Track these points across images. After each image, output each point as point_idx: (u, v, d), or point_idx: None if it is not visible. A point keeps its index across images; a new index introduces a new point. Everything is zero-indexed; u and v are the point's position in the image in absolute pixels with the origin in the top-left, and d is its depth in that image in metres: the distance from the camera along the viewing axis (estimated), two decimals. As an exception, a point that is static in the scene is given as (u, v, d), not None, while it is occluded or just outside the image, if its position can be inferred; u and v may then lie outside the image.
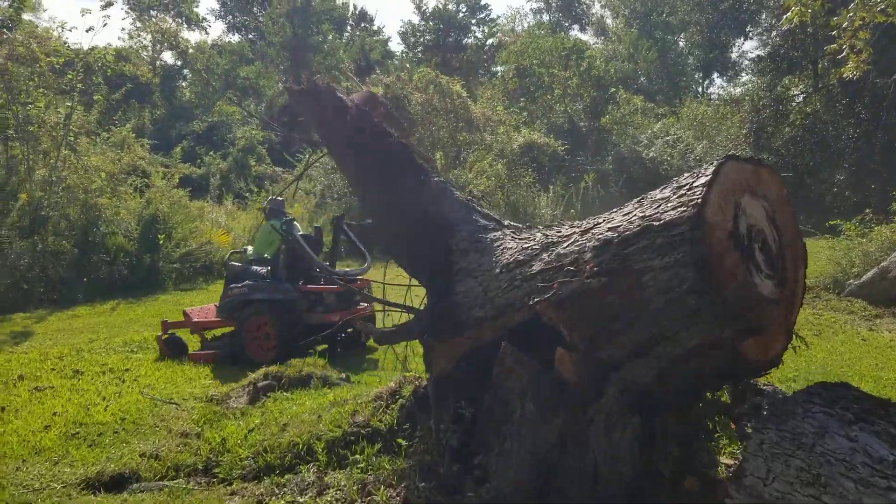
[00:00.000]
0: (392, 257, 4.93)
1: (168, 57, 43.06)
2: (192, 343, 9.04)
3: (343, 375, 6.69)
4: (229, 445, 5.01)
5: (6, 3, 15.47)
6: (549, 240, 3.74)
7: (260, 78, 39.76)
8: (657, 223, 3.11)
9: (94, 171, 14.94)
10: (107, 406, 6.22)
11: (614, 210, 3.56)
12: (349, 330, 8.68)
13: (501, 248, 4.03)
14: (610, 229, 3.36)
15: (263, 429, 5.19)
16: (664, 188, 3.33)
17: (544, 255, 3.66)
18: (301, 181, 26.71)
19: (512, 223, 4.45)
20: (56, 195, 14.49)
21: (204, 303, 12.85)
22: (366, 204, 4.68)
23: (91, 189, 14.59)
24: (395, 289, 5.56)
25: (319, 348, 8.51)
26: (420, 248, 4.41)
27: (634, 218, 3.28)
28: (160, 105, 37.47)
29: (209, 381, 7.26)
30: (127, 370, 7.86)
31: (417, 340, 4.59)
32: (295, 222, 8.88)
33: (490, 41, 43.31)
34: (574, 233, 3.62)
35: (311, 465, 4.62)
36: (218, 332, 9.11)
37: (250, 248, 9.21)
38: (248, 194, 21.41)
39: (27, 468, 4.87)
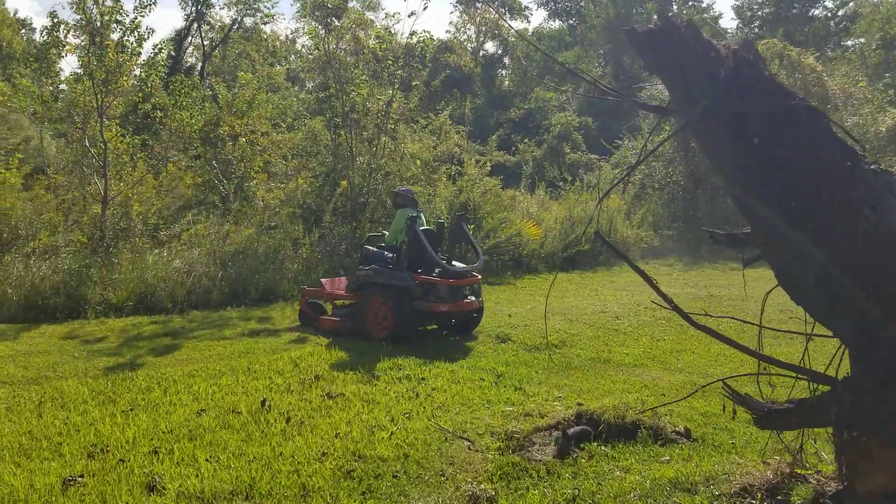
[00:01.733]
0: (783, 284, 3.14)
1: (490, 46, 43.83)
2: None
3: (679, 428, 5.04)
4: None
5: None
6: None
7: (579, 62, 38.63)
8: None
9: (411, 159, 14.79)
10: (392, 433, 5.28)
11: None
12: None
13: None
14: None
15: (574, 506, 3.79)
16: None
17: None
18: (613, 169, 25.06)
19: None
20: (375, 182, 14.57)
21: (510, 298, 11.90)
22: (748, 203, 2.97)
23: (406, 177, 14.45)
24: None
25: (430, 328, 9.42)
26: (852, 276, 2.64)
27: None
28: (480, 94, 38.13)
29: (510, 406, 6.06)
30: (423, 379, 6.99)
31: (830, 421, 2.83)
32: (421, 215, 9.66)
33: (842, 11, 37.54)
34: None
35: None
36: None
37: (387, 234, 9.89)
38: (561, 183, 20.34)
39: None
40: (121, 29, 12.49)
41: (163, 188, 15.45)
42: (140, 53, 12.90)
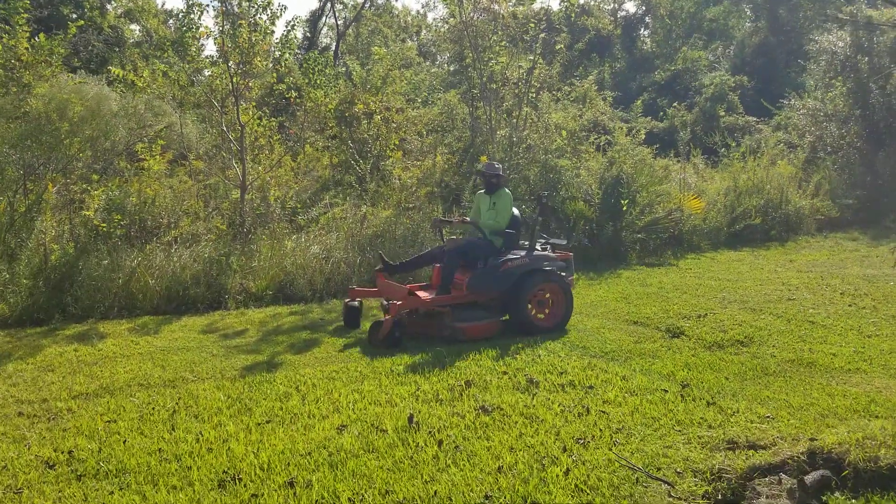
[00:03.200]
0: None
1: (630, 6, 41.52)
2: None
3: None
4: None
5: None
6: None
7: (729, 17, 35.72)
8: None
9: (555, 130, 13.65)
10: (567, 468, 4.31)
11: None
12: None
13: None
14: None
15: None
16: None
17: None
18: (774, 132, 22.72)
19: None
20: (517, 156, 13.55)
21: (674, 282, 10.60)
22: None
23: (551, 149, 13.33)
24: None
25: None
26: None
27: None
28: (620, 57, 36.09)
29: (707, 428, 4.93)
30: (590, 387, 5.97)
31: None
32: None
33: None
34: None
35: None
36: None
37: (467, 218, 8.98)
38: (723, 149, 18.46)
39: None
40: (253, 7, 12.05)
41: (300, 171, 15.13)
42: (273, 32, 12.46)
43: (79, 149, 11.61)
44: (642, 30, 40.10)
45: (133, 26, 30.54)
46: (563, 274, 8.40)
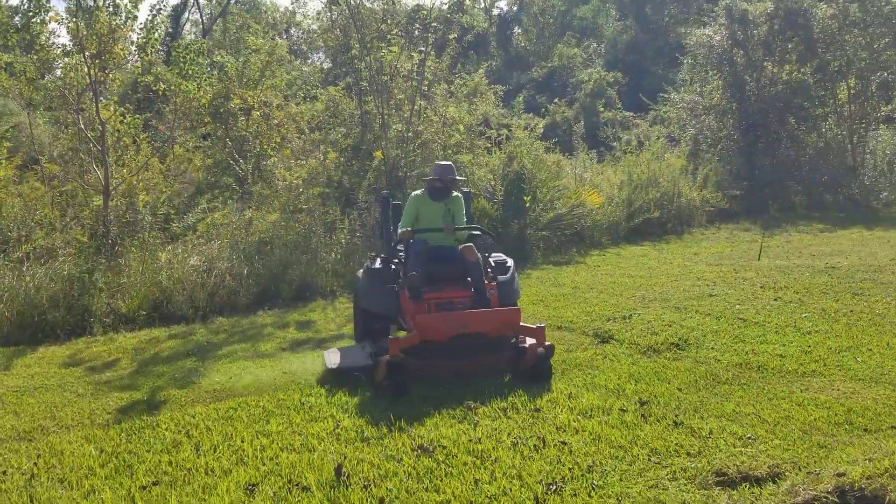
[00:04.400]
0: None
1: (503, 4, 41.64)
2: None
3: None
4: None
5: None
6: None
7: (598, 15, 36.38)
8: None
9: (452, 125, 12.91)
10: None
11: None
12: None
13: None
14: None
15: None
16: None
17: None
18: (651, 126, 23.07)
19: None
20: (412, 153, 12.72)
21: (587, 281, 10.08)
22: None
23: (449, 144, 12.60)
24: None
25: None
26: None
27: None
28: (496, 55, 35.97)
29: (689, 459, 4.27)
30: (537, 410, 5.21)
31: None
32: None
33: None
34: None
35: None
36: None
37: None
38: (615, 143, 18.30)
39: None
40: (111, -12, 10.56)
41: (171, 173, 13.66)
42: (136, 17, 11.00)
43: None
44: (516, 28, 40.23)
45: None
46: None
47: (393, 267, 6.84)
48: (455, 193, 6.92)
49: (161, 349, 7.95)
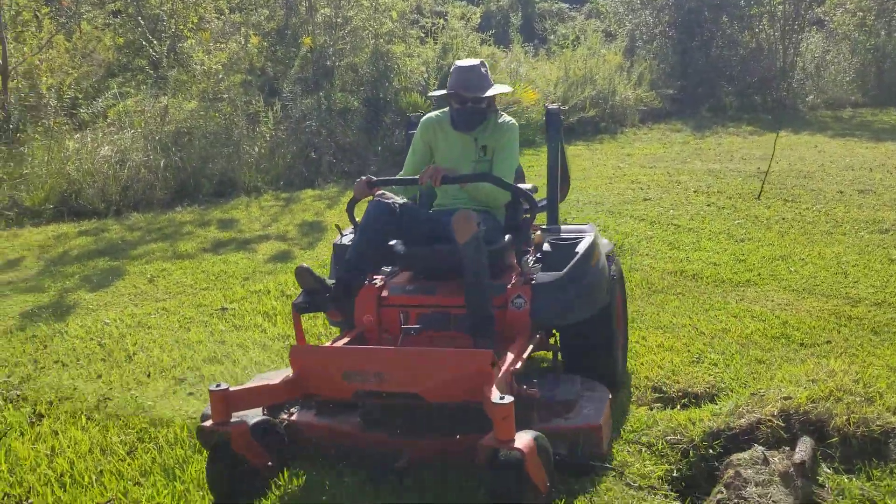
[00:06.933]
0: None
1: None
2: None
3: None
4: None
5: None
6: None
7: None
8: None
9: (384, 11, 12.16)
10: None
11: None
12: None
13: None
14: None
15: None
16: None
17: None
18: (586, 20, 22.53)
19: None
20: (342, 41, 12.00)
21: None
22: None
23: (381, 33, 11.91)
24: None
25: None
26: None
27: None
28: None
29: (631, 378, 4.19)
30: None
31: None
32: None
33: None
34: None
35: None
36: None
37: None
38: (552, 36, 17.74)
39: None
40: None
41: (78, 53, 12.54)
42: None
43: None
44: None
45: None
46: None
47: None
48: (501, 119, 3.89)
49: (70, 247, 7.41)
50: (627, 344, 4.38)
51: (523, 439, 2.59)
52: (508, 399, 2.61)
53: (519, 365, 3.18)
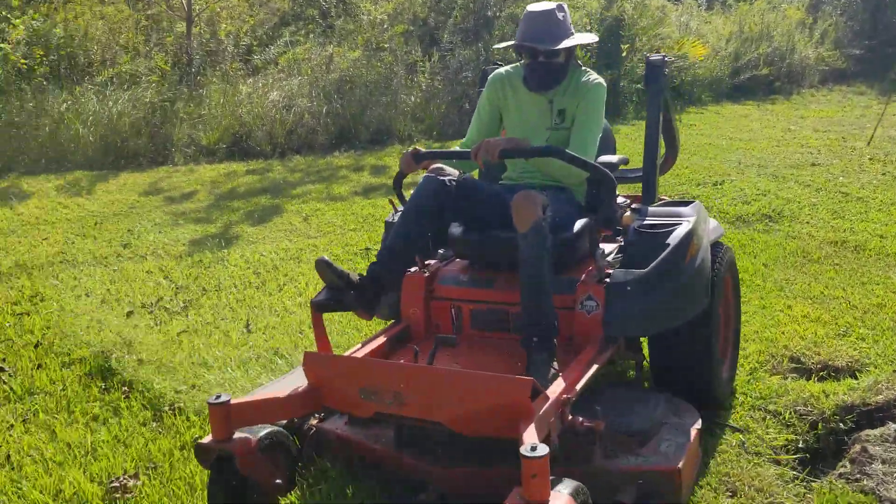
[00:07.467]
0: None
1: None
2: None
3: None
4: None
5: None
6: None
7: None
8: None
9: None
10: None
11: None
12: None
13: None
14: None
15: None
16: None
17: None
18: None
19: None
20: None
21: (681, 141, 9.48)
22: None
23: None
24: None
25: None
26: None
27: None
28: None
29: (757, 340, 4.01)
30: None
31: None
32: None
33: None
34: None
35: None
36: None
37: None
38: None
39: None
40: None
41: (256, 0, 13.28)
42: None
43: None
44: None
45: None
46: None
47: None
48: (586, 77, 3.21)
49: (238, 184, 8.00)
50: (738, 351, 3.58)
51: (561, 499, 1.97)
52: (542, 450, 1.95)
53: (579, 387, 2.50)
